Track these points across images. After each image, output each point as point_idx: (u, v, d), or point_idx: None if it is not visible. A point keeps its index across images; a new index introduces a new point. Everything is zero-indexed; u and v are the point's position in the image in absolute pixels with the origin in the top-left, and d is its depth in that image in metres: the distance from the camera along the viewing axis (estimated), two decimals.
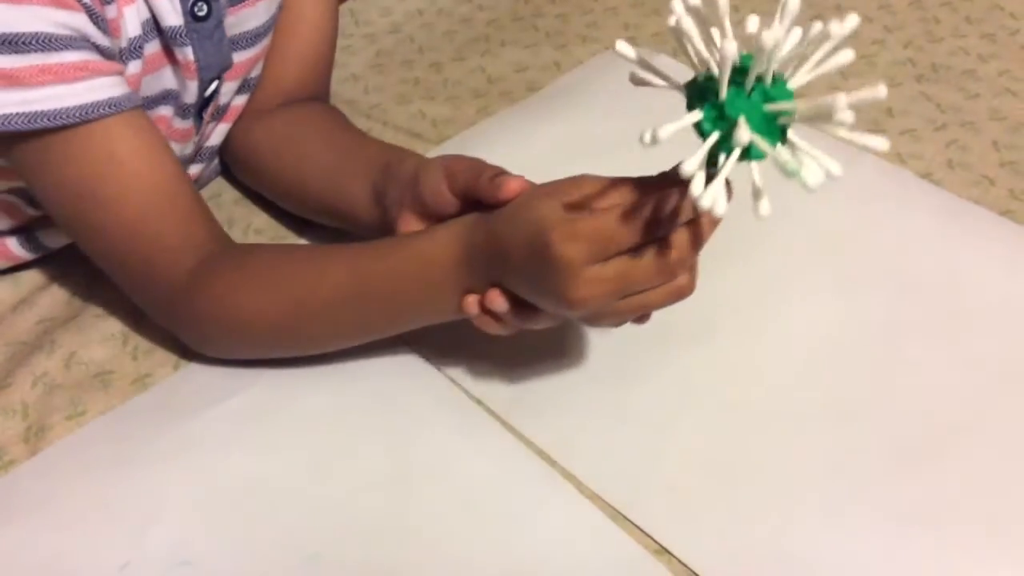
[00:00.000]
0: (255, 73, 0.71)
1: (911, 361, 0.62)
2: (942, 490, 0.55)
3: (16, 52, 0.51)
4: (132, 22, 0.58)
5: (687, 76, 0.45)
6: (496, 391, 0.61)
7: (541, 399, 0.61)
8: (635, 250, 0.47)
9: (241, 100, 0.72)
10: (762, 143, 0.40)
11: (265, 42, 0.69)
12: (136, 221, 0.58)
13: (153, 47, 0.61)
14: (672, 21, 0.43)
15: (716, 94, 0.42)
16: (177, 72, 0.64)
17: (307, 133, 0.70)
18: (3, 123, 0.53)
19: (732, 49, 0.40)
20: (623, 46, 0.44)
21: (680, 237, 0.47)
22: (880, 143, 0.41)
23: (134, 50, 0.59)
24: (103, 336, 0.66)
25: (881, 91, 0.39)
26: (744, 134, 0.40)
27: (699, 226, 0.47)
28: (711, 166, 0.42)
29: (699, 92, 0.43)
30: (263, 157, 0.72)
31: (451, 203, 0.57)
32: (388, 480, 0.57)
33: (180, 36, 0.61)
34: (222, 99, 0.69)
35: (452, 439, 0.59)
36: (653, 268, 0.47)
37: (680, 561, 0.53)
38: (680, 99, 0.46)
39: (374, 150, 0.66)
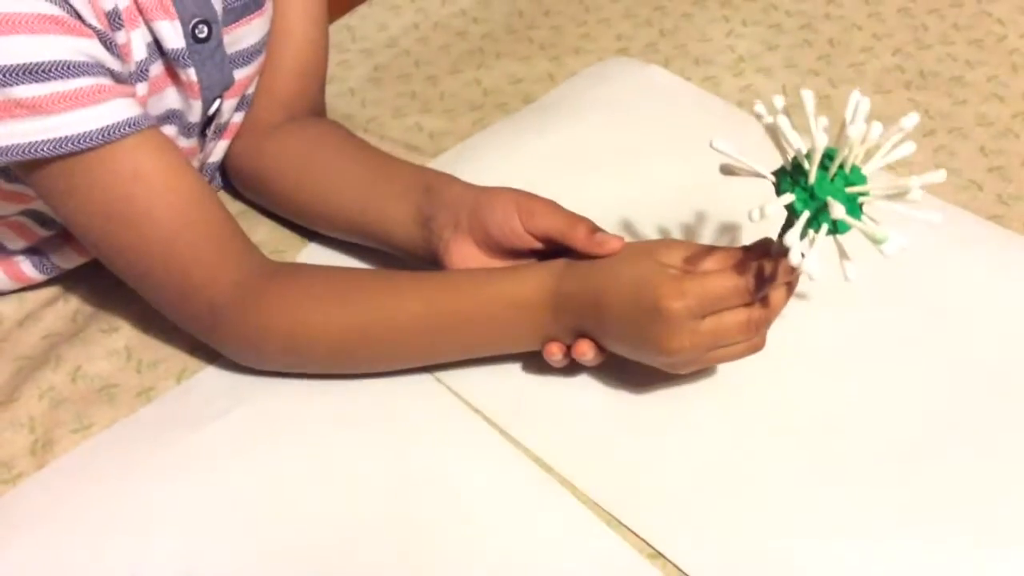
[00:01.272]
0: (252, 90, 0.72)
1: (900, 364, 0.63)
2: (933, 493, 0.56)
3: (36, 81, 0.53)
4: (139, 46, 0.60)
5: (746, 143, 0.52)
6: (493, 400, 0.63)
7: (538, 407, 0.62)
8: (731, 310, 0.54)
9: (239, 117, 0.73)
10: (850, 219, 0.48)
11: (261, 59, 0.71)
12: (168, 238, 0.59)
13: (157, 69, 0.62)
14: (767, 119, 0.51)
15: (804, 178, 0.50)
16: (181, 92, 0.65)
17: (330, 152, 0.71)
18: (30, 151, 0.54)
19: (823, 141, 0.48)
20: (721, 143, 0.52)
21: (770, 301, 0.55)
22: (935, 218, 0.49)
23: (140, 73, 0.61)
24: (108, 351, 0.67)
25: (941, 175, 0.50)
26: (837, 210, 0.47)
27: (783, 293, 0.55)
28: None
29: (787, 177, 0.51)
30: (278, 174, 0.73)
31: (524, 239, 0.60)
32: (388, 489, 0.58)
33: (183, 58, 0.62)
34: (223, 117, 0.70)
35: (450, 448, 0.60)
36: (743, 326, 0.55)
37: (675, 565, 0.54)
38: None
39: (409, 172, 0.68)
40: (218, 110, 0.69)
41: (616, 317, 0.55)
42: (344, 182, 0.68)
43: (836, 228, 0.50)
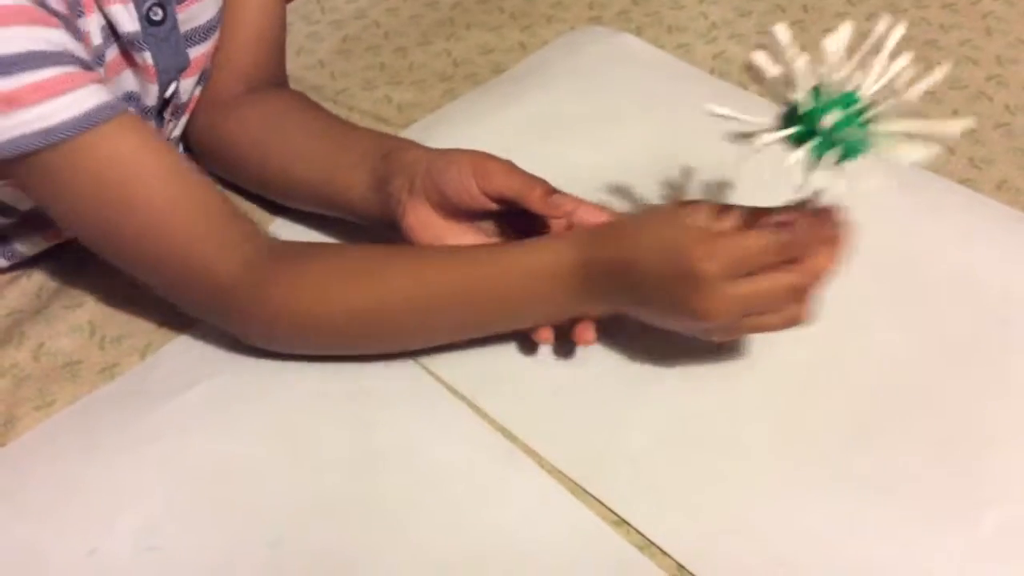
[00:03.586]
0: (210, 65, 0.71)
1: (868, 331, 0.63)
2: (900, 460, 0.56)
3: (8, 74, 0.51)
4: (95, 31, 0.59)
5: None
6: (459, 371, 0.62)
7: (502, 378, 0.62)
8: (766, 273, 0.51)
9: (199, 92, 0.72)
10: (850, 131, 0.47)
11: (217, 35, 0.70)
12: (164, 220, 0.57)
13: (112, 53, 0.61)
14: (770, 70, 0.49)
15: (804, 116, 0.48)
16: (137, 76, 0.64)
17: (290, 122, 0.70)
18: (11, 147, 0.52)
19: (802, 67, 0.48)
20: (716, 107, 0.50)
21: (810, 265, 0.51)
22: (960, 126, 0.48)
23: (97, 58, 0.59)
24: (71, 327, 0.67)
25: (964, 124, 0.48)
26: (830, 118, 0.46)
27: (824, 256, 0.52)
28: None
29: (788, 121, 0.50)
30: (241, 148, 0.72)
31: (480, 200, 0.59)
32: (353, 462, 0.58)
33: (138, 41, 0.61)
34: (181, 97, 0.69)
35: (415, 419, 0.60)
36: (781, 292, 0.52)
37: (639, 532, 0.54)
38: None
39: (368, 138, 0.67)
40: (176, 91, 0.68)
41: (646, 283, 0.53)
42: (304, 154, 0.67)
43: (847, 151, 0.48)
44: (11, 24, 0.52)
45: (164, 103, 0.68)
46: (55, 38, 0.54)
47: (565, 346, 0.62)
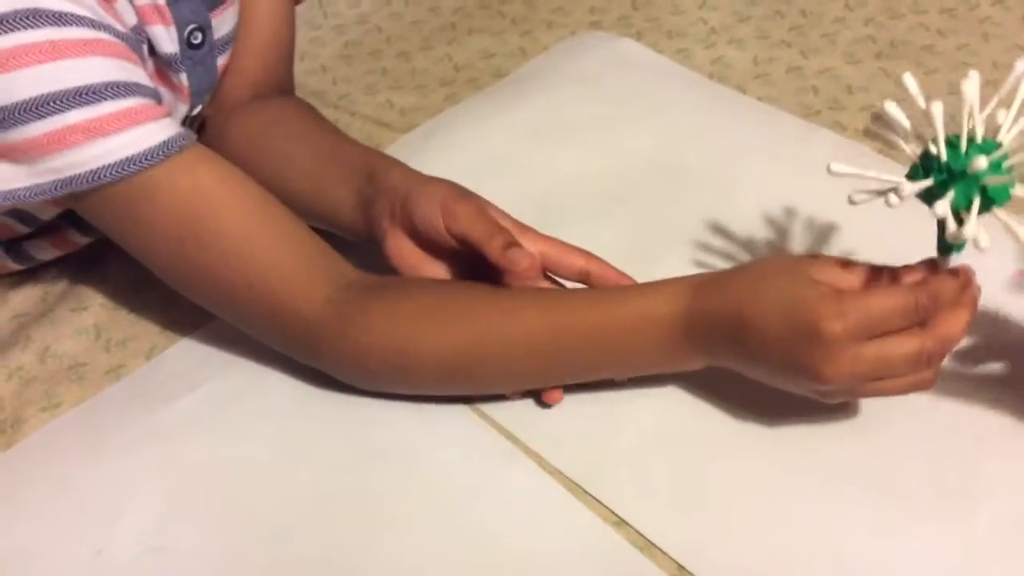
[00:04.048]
0: None
1: None
2: (895, 456, 0.56)
3: (89, 103, 0.51)
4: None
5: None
6: None
7: None
8: (894, 336, 0.48)
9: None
10: (997, 177, 0.45)
11: (232, 46, 0.70)
12: (244, 252, 0.56)
13: (150, 70, 0.62)
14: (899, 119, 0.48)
15: (937, 163, 0.47)
16: (171, 94, 0.64)
17: (285, 133, 0.70)
18: (93, 179, 0.52)
19: (939, 111, 0.47)
20: (838, 166, 0.48)
21: (942, 330, 0.48)
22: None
23: None
24: (76, 330, 0.67)
25: None
26: (979, 163, 0.44)
27: (960, 317, 0.49)
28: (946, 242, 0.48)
29: (919, 171, 0.48)
30: (238, 154, 0.71)
31: (446, 239, 0.58)
32: (354, 463, 0.58)
33: (176, 63, 0.62)
34: (201, 112, 0.70)
35: (415, 420, 0.60)
36: (912, 356, 0.48)
37: (638, 532, 0.54)
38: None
39: (356, 154, 0.66)
40: (201, 112, 0.68)
41: (763, 339, 0.50)
42: (294, 165, 0.67)
43: (989, 199, 0.46)
44: (90, 55, 0.52)
45: (187, 121, 0.69)
46: (130, 69, 0.54)
47: None
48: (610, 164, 0.77)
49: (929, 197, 0.47)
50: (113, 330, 0.68)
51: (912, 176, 0.48)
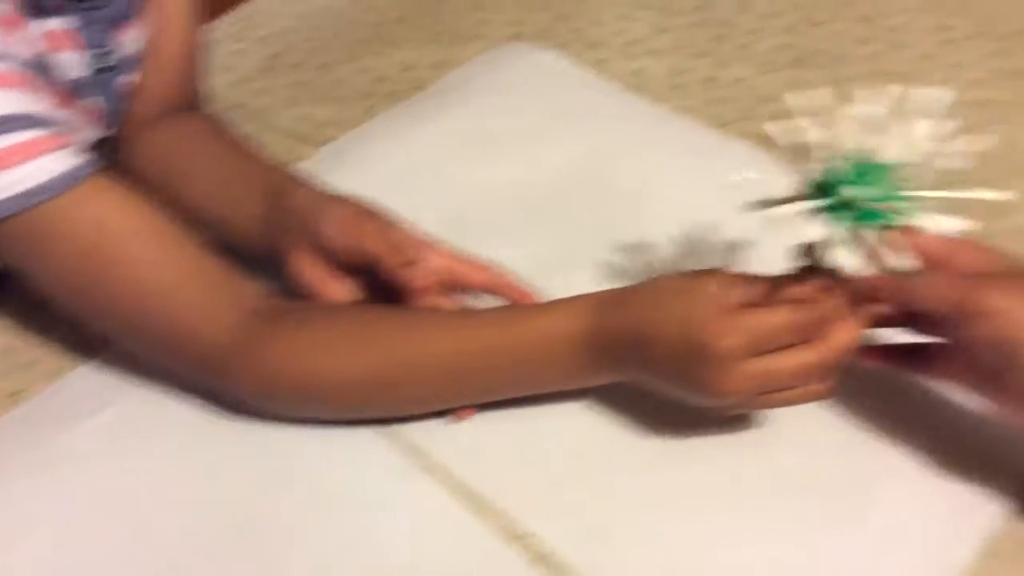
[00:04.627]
0: None
1: None
2: (792, 462, 0.57)
3: None
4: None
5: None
6: None
7: None
8: (785, 351, 0.49)
9: None
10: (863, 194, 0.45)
11: (141, 64, 0.70)
12: (145, 284, 0.56)
13: (55, 97, 0.61)
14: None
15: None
16: (83, 117, 0.64)
17: (192, 150, 0.70)
18: None
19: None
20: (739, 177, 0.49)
21: (832, 343, 0.49)
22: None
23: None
24: None
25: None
26: (852, 190, 0.45)
27: (848, 331, 0.49)
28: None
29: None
30: (147, 172, 0.71)
31: (348, 258, 0.59)
32: (258, 484, 0.58)
33: (87, 87, 0.61)
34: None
35: (320, 439, 0.60)
36: (801, 371, 0.49)
37: (536, 541, 0.54)
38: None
39: (262, 172, 0.66)
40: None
41: (661, 356, 0.51)
42: (200, 183, 0.67)
43: (862, 216, 0.46)
44: (3, 87, 0.51)
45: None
46: (31, 100, 0.54)
47: None
48: (528, 177, 0.77)
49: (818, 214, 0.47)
50: (17, 353, 0.67)
51: (811, 192, 0.47)
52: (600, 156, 0.78)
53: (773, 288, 0.50)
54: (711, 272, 0.52)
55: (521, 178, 0.77)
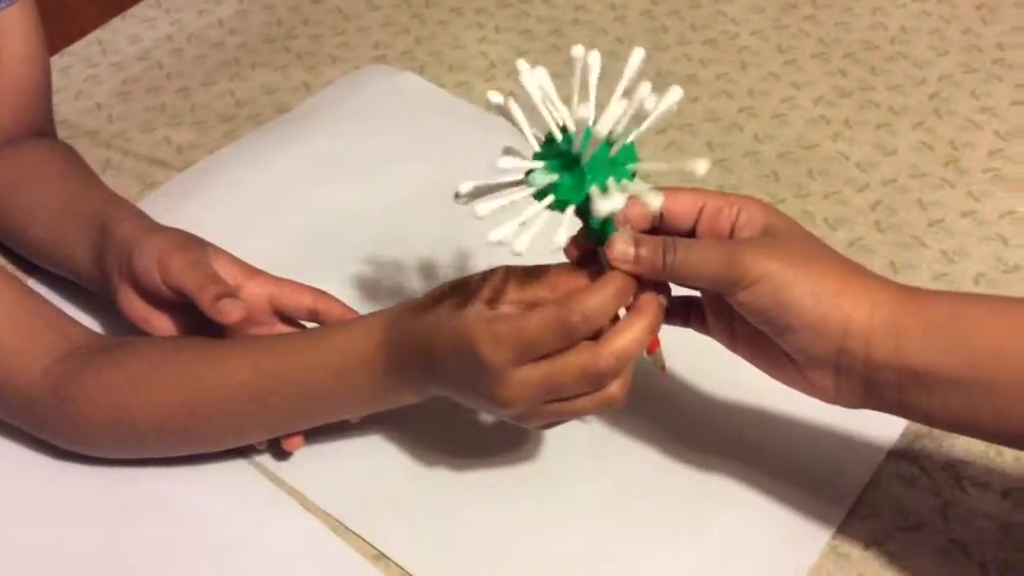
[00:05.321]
0: None
1: None
2: (634, 478, 0.59)
3: None
4: None
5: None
6: None
7: None
8: (558, 356, 0.45)
9: None
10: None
11: None
12: None
13: None
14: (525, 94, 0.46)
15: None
16: None
17: (31, 182, 0.68)
18: None
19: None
20: (495, 95, 0.47)
21: (607, 345, 0.45)
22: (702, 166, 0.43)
23: None
24: None
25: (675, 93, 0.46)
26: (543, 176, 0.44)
27: (628, 332, 0.45)
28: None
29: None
30: None
31: (164, 292, 0.58)
32: (107, 519, 0.57)
33: None
34: None
35: (174, 467, 0.59)
36: (580, 376, 0.45)
37: (397, 564, 0.55)
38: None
39: (95, 205, 0.64)
40: None
41: (445, 371, 0.49)
42: (37, 216, 0.66)
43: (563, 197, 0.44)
44: None
45: None
46: None
47: None
48: (387, 199, 0.78)
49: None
50: None
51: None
52: (459, 177, 0.79)
53: (552, 283, 0.47)
54: (488, 273, 0.49)
55: (381, 201, 0.78)
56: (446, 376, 0.49)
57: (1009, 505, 0.57)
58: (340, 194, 0.78)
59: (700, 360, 0.62)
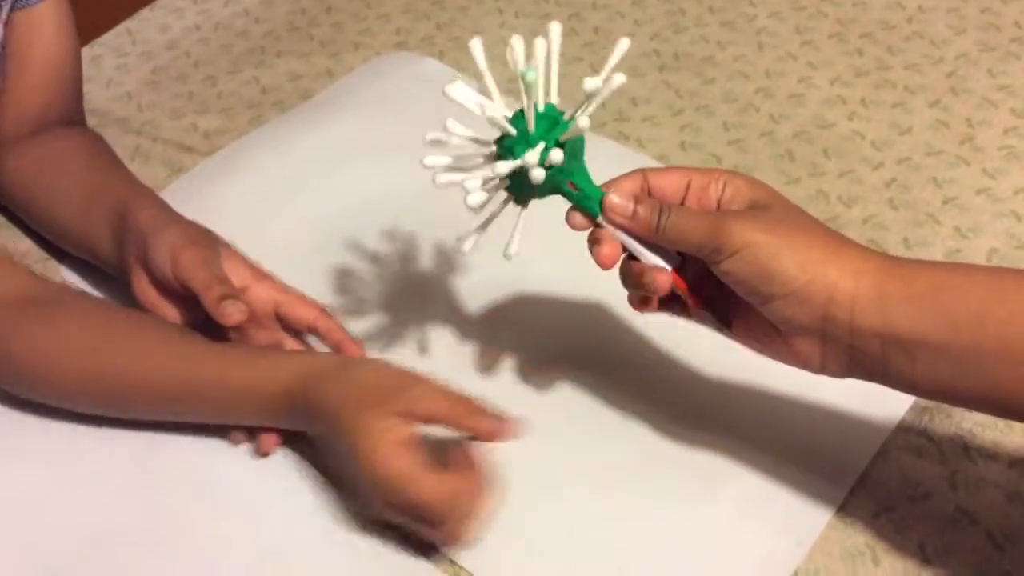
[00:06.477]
0: None
1: (603, 330, 0.67)
2: (646, 444, 0.60)
3: None
4: None
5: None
6: None
7: None
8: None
9: None
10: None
11: (4, 81, 0.70)
12: None
13: None
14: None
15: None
16: None
17: (58, 169, 0.70)
18: None
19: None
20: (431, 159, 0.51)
21: (450, 530, 0.52)
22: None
23: None
24: None
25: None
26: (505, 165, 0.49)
27: (466, 481, 0.52)
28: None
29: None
30: (15, 188, 0.73)
31: (174, 286, 0.59)
32: (132, 485, 0.59)
33: None
34: None
35: (198, 441, 0.61)
36: (426, 530, 0.53)
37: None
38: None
39: (118, 193, 0.66)
40: None
41: (338, 446, 0.54)
42: (63, 203, 0.68)
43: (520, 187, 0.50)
44: None
45: None
46: None
47: None
48: (408, 183, 0.78)
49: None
50: None
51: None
52: None
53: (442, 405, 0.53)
54: (414, 383, 0.54)
55: (401, 185, 0.79)
56: (337, 451, 0.54)
57: (1016, 475, 0.58)
58: (362, 178, 0.80)
59: (709, 339, 0.64)
